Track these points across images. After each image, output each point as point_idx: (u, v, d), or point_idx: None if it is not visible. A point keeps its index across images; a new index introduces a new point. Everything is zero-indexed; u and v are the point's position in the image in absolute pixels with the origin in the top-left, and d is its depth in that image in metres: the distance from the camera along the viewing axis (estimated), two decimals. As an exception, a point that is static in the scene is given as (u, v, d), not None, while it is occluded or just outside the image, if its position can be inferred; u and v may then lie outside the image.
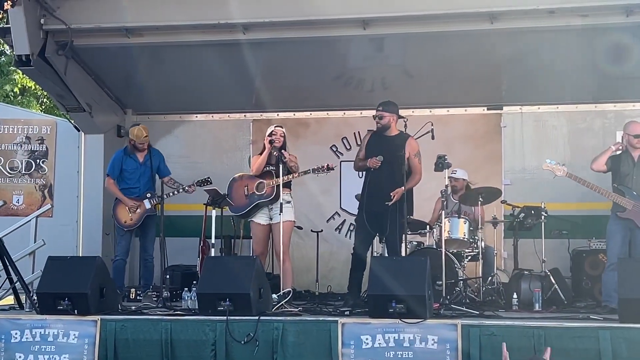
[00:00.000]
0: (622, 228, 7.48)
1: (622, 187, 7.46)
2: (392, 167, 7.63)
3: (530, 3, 7.53)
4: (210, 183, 8.50)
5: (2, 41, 11.36)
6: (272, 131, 7.85)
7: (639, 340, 5.67)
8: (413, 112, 9.46)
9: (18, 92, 19.87)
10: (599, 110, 9.61)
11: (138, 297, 8.59)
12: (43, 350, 6.90)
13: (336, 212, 10.10)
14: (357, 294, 7.63)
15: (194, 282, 7.22)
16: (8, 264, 7.81)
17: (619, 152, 7.71)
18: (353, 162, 8.27)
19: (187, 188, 8.72)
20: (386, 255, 7.82)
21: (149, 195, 9.01)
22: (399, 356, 5.85)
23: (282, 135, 7.87)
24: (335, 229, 10.09)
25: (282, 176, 7.52)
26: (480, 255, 8.20)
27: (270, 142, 7.73)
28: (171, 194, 9.01)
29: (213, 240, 8.05)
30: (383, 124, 7.72)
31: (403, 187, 7.50)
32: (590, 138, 9.52)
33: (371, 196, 7.75)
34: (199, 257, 8.81)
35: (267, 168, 7.80)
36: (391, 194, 7.44)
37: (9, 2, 7.73)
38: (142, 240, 9.25)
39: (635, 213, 7.30)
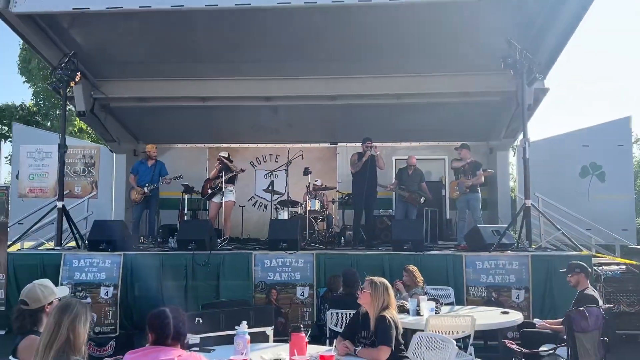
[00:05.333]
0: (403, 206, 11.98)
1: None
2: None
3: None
4: None
5: (69, 103, 12.99)
6: None
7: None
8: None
9: (77, 131, 27.64)
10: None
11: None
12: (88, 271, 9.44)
13: None
14: None
15: None
16: (71, 223, 10.81)
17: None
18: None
19: None
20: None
21: (146, 185, 12.30)
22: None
23: None
24: None
25: None
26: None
27: None
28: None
29: None
30: None
31: None
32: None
33: None
34: None
35: None
36: None
37: (72, 82, 10.83)
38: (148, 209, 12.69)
39: (412, 198, 11.65)
